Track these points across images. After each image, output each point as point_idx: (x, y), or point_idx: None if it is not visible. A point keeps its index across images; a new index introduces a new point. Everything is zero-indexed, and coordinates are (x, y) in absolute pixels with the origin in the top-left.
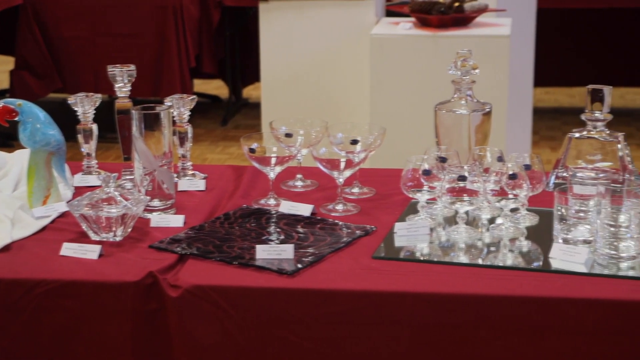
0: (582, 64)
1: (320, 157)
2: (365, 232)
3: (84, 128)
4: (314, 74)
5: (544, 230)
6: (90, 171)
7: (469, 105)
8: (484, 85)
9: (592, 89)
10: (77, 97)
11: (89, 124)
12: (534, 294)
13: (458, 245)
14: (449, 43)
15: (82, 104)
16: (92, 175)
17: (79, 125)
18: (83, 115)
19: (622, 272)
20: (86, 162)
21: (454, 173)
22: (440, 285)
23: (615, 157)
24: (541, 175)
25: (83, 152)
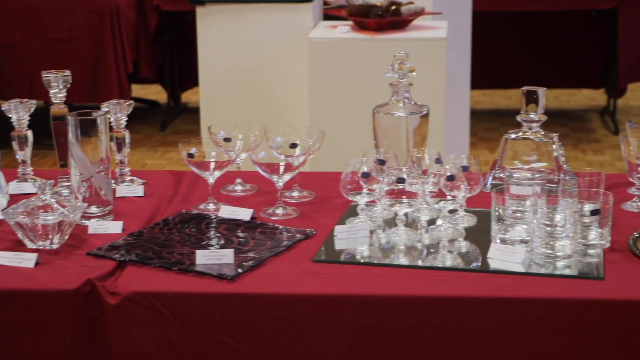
0: (518, 65)
1: (259, 161)
2: (305, 236)
3: (19, 135)
4: (252, 78)
5: (482, 231)
6: (26, 178)
7: (406, 107)
8: (421, 87)
9: (526, 91)
10: (11, 104)
11: (23, 131)
12: (473, 294)
13: (398, 247)
14: (386, 46)
15: (16, 111)
16: (28, 182)
17: (14, 132)
18: (17, 122)
19: (558, 271)
20: (21, 169)
21: (393, 175)
22: (381, 288)
23: (550, 157)
24: (478, 176)
25: (18, 160)
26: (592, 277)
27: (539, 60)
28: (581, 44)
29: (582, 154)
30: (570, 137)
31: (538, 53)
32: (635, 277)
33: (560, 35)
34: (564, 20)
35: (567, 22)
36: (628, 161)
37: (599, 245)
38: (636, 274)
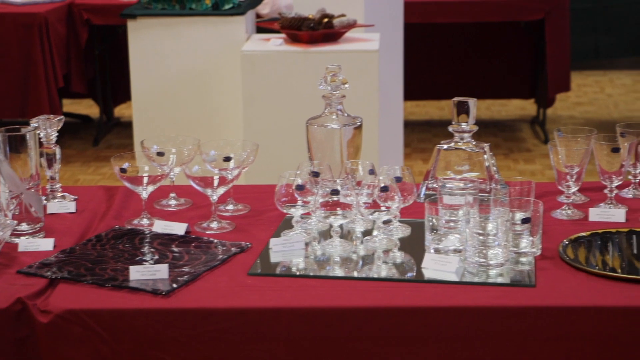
0: (450, 77)
1: (193, 175)
2: (240, 249)
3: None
4: (185, 91)
5: (416, 241)
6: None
7: (340, 119)
8: (355, 99)
9: (457, 102)
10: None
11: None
12: (408, 304)
13: (333, 258)
14: (319, 58)
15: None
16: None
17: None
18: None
19: (491, 279)
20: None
21: (327, 187)
22: (317, 300)
23: (482, 167)
24: (412, 186)
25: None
26: (524, 284)
27: (470, 71)
28: (511, 55)
29: (514, 163)
30: (502, 146)
31: (469, 64)
32: (566, 283)
33: (491, 47)
34: (494, 32)
35: (497, 34)
36: (557, 170)
37: (530, 253)
38: (566, 281)
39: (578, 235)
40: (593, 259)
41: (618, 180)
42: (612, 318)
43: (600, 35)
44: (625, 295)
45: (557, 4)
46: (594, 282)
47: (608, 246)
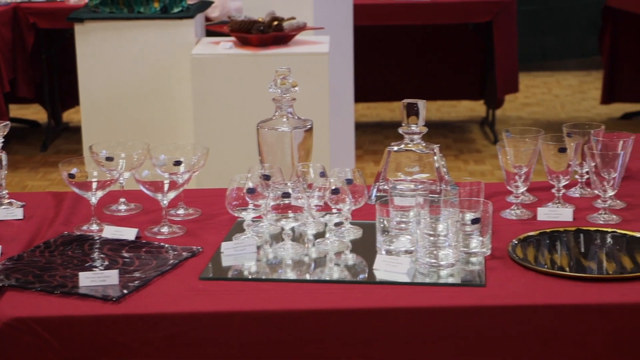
0: (401, 79)
1: (143, 179)
2: (191, 254)
3: None
4: (135, 95)
5: (367, 243)
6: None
7: (290, 122)
8: (305, 102)
9: (407, 103)
10: None
11: None
12: (360, 306)
13: (285, 261)
14: (269, 61)
15: None
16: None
17: None
18: None
19: (442, 280)
20: None
21: (278, 190)
22: (269, 303)
23: (432, 168)
24: (363, 188)
25: None
26: (474, 284)
27: (420, 73)
28: (460, 57)
29: (464, 164)
30: (453, 147)
31: (419, 66)
32: (515, 283)
33: (441, 49)
34: (444, 34)
35: (446, 36)
36: (506, 170)
37: (480, 253)
38: (516, 280)
39: (527, 234)
40: (542, 258)
41: (565, 180)
42: (560, 316)
43: (547, 37)
44: (573, 293)
45: (504, 7)
46: (543, 280)
47: (556, 245)
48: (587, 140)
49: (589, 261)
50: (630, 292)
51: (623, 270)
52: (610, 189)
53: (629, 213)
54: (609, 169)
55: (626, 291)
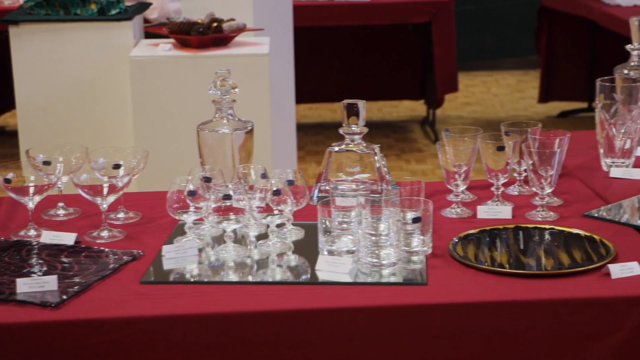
0: (342, 79)
1: (81, 183)
2: (132, 257)
3: None
4: (72, 98)
5: (310, 243)
6: None
7: (230, 124)
8: (246, 103)
9: (347, 104)
10: None
11: None
12: (303, 306)
13: (227, 263)
14: (209, 63)
15: None
16: None
17: None
18: None
19: (384, 279)
20: None
21: (219, 192)
22: (212, 305)
23: (373, 168)
24: (304, 189)
25: None
26: (416, 283)
27: (361, 73)
28: (401, 57)
29: (406, 163)
30: (394, 147)
31: (360, 66)
32: (456, 280)
33: (381, 49)
34: (384, 34)
35: (386, 36)
36: (446, 169)
37: (422, 251)
38: (456, 278)
39: (467, 232)
40: (482, 255)
41: (504, 178)
42: (500, 312)
43: (486, 37)
44: (513, 290)
45: (443, 7)
46: (483, 278)
47: (496, 242)
48: (525, 138)
49: (528, 258)
50: (568, 287)
51: (561, 266)
52: (548, 187)
53: (566, 210)
54: (546, 167)
55: (564, 287)
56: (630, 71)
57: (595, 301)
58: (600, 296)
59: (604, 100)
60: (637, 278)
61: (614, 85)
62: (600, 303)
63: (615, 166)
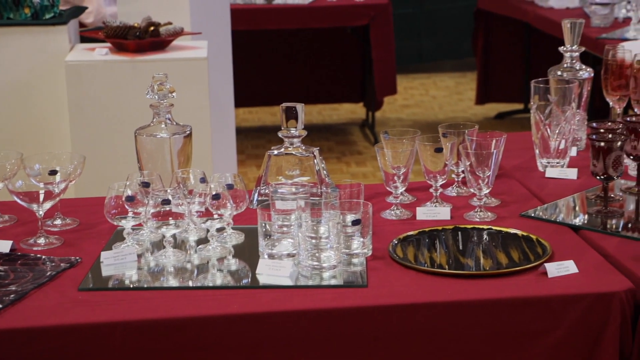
0: (281, 82)
1: (16, 190)
2: (70, 264)
3: None
4: (7, 104)
5: (250, 247)
6: None
7: (169, 128)
8: (185, 108)
9: (285, 107)
10: None
11: None
12: (244, 311)
13: (167, 269)
14: (146, 67)
15: None
16: None
17: None
18: None
19: (325, 282)
20: None
21: (158, 197)
22: (152, 312)
23: (312, 171)
24: (244, 193)
25: None
26: (357, 285)
27: (301, 76)
28: (340, 60)
29: (346, 166)
30: (335, 150)
31: (300, 70)
32: (396, 282)
33: (320, 52)
34: (323, 38)
35: (325, 39)
36: (384, 171)
37: (362, 253)
38: (397, 280)
39: (407, 234)
40: (421, 256)
41: (442, 179)
42: (440, 313)
43: (424, 39)
44: (452, 290)
45: (381, 10)
46: (423, 279)
47: (435, 243)
48: (462, 140)
49: (467, 258)
50: (506, 287)
51: (499, 266)
52: (485, 187)
53: (503, 210)
54: (483, 168)
55: (502, 286)
56: (563, 72)
57: (532, 300)
58: (537, 295)
59: (539, 101)
60: (573, 277)
61: (548, 87)
62: (537, 302)
63: (550, 166)
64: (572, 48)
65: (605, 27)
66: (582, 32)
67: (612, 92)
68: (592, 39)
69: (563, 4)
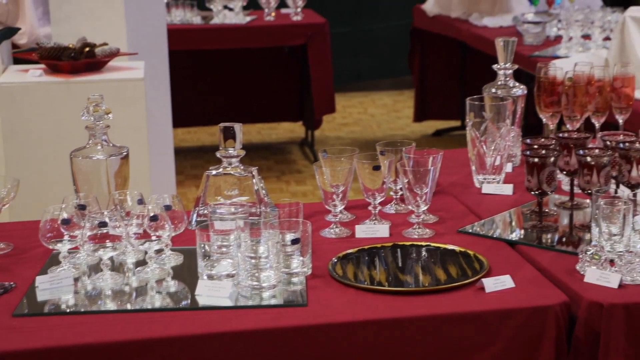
0: (220, 102)
1: None
2: (4, 290)
3: None
4: None
5: (189, 269)
6: None
7: (105, 150)
8: (122, 129)
9: (223, 127)
10: None
11: None
12: (184, 333)
13: (105, 292)
14: (82, 89)
15: None
16: None
17: None
18: None
19: (265, 302)
20: None
21: (95, 220)
22: (89, 336)
23: (251, 191)
24: (182, 214)
25: None
26: (297, 304)
27: (239, 96)
28: (278, 79)
29: (286, 185)
30: (274, 169)
31: (238, 89)
32: (336, 300)
33: (259, 72)
34: (261, 57)
35: (263, 59)
36: (323, 190)
37: (302, 272)
38: (337, 298)
39: (346, 252)
40: (361, 274)
41: (381, 197)
42: (381, 330)
43: (361, 58)
44: (392, 307)
45: (318, 29)
46: (363, 297)
47: (375, 261)
48: (400, 157)
49: (406, 275)
50: (444, 303)
51: (437, 282)
52: (423, 204)
53: (441, 226)
54: (421, 185)
55: (441, 302)
56: (497, 90)
57: (470, 315)
58: (475, 310)
59: (474, 118)
60: (509, 291)
61: (482, 104)
62: (475, 317)
63: (486, 182)
64: (506, 66)
65: (538, 45)
66: (515, 50)
67: (545, 108)
68: (525, 56)
69: (497, 23)
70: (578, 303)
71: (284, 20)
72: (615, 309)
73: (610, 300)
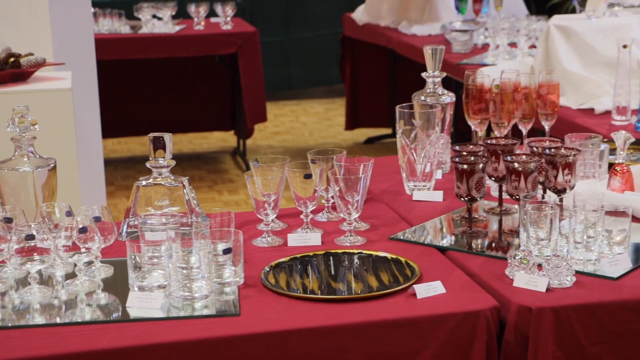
0: (151, 112)
1: None
2: None
3: None
4: None
5: (120, 280)
6: None
7: (32, 162)
8: (49, 140)
9: (153, 137)
10: None
11: None
12: (114, 345)
13: (33, 306)
14: (7, 100)
15: None
16: None
17: None
18: None
19: (197, 312)
20: None
21: (22, 233)
22: (17, 351)
23: (182, 201)
24: (112, 225)
25: None
26: (229, 314)
27: (170, 105)
28: (210, 89)
29: (219, 194)
30: (206, 179)
31: (169, 99)
32: (269, 309)
33: (189, 81)
34: (191, 66)
35: (194, 68)
36: (255, 199)
37: (234, 282)
38: (269, 307)
39: (278, 261)
40: (294, 283)
41: (312, 205)
42: (314, 339)
43: (292, 66)
44: (325, 316)
45: (248, 38)
46: (296, 305)
47: (307, 269)
48: (331, 165)
49: (339, 283)
50: (376, 310)
51: (370, 289)
52: (355, 212)
53: (373, 234)
54: (352, 192)
55: (373, 309)
56: (426, 97)
57: (403, 322)
58: (407, 317)
59: (404, 126)
60: (440, 297)
61: (412, 112)
62: (407, 323)
63: (417, 189)
64: (434, 74)
65: (466, 53)
66: (443, 58)
67: (474, 115)
68: (454, 64)
69: (425, 31)
70: (507, 307)
71: (213, 30)
72: (544, 312)
73: (538, 304)
